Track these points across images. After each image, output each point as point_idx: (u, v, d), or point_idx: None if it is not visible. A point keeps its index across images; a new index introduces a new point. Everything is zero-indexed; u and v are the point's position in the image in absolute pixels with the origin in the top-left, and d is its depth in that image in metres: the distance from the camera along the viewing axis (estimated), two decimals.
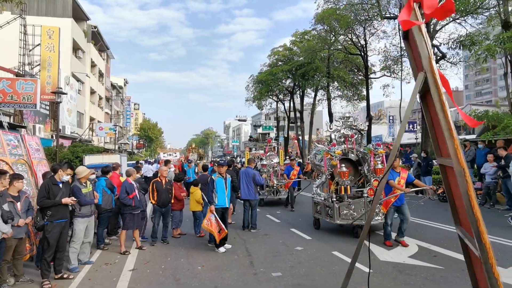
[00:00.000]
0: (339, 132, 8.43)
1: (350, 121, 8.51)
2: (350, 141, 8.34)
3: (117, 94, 48.23)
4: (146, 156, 56.44)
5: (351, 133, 8.35)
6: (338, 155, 7.93)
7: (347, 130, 8.42)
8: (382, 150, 8.00)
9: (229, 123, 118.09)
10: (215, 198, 7.14)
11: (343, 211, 7.75)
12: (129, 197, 7.04)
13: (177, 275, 5.76)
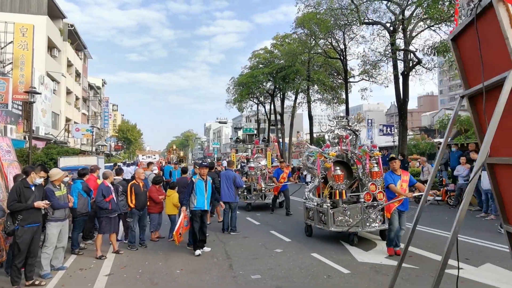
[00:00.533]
0: (333, 133, 7.93)
1: (344, 121, 8.03)
2: (344, 143, 7.90)
3: (94, 94, 47.10)
4: (125, 158, 55.39)
5: (346, 134, 7.89)
6: (332, 157, 7.48)
7: (341, 130, 7.93)
8: (378, 152, 7.64)
9: (209, 125, 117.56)
10: (194, 201, 7.06)
11: (338, 218, 7.23)
12: (106, 200, 6.87)
13: (155, 279, 5.66)
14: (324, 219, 7.41)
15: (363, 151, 7.73)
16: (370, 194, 7.26)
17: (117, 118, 72.68)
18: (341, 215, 7.25)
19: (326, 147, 7.65)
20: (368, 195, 7.27)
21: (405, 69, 19.09)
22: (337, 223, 7.24)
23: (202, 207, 7.13)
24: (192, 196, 7.07)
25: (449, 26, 17.60)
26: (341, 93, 28.94)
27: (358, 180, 8.12)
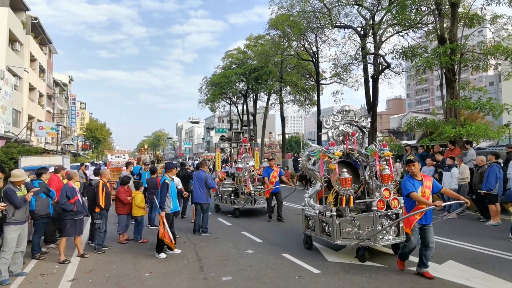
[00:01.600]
0: (337, 129, 6.86)
1: (350, 116, 7.02)
2: (350, 141, 6.89)
3: (60, 91, 45.19)
4: (93, 158, 53.55)
5: (352, 131, 6.89)
6: (337, 157, 6.35)
7: (346, 126, 6.91)
8: (389, 152, 6.58)
9: (181, 125, 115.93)
10: (169, 203, 6.91)
11: (346, 229, 6.21)
12: (70, 202, 6.57)
13: (122, 283, 5.47)
14: (328, 230, 6.42)
15: (370, 150, 6.73)
16: (383, 202, 6.12)
17: (85, 116, 70.13)
18: (349, 226, 6.21)
19: (330, 146, 6.45)
20: (381, 203, 6.10)
21: (375, 72, 19.66)
22: (344, 235, 6.21)
23: (176, 208, 7.09)
24: (168, 199, 6.91)
25: (416, 32, 18.32)
26: (313, 94, 29.38)
27: (364, 184, 7.18)
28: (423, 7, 15.67)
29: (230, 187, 11.66)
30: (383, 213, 6.08)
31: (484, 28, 15.69)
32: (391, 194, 6.17)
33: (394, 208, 6.15)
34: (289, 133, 59.80)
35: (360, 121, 7.05)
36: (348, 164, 7.17)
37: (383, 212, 6.08)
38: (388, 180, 6.23)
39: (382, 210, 6.07)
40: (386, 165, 6.50)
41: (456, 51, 13.60)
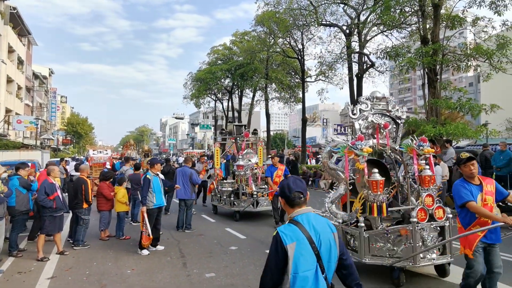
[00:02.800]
0: (367, 120, 5.63)
1: (382, 104, 5.80)
2: (382, 134, 5.67)
3: (40, 84, 43.94)
4: (74, 153, 52.42)
5: (385, 122, 5.65)
6: (366, 153, 5.15)
7: (377, 117, 5.68)
8: (430, 149, 5.47)
9: (165, 121, 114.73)
10: (153, 198, 6.83)
11: (377, 244, 5.02)
12: (50, 198, 6.40)
13: (103, 280, 5.38)
14: (354, 244, 5.25)
15: (406, 146, 5.63)
16: (425, 211, 4.91)
17: (66, 110, 68.50)
18: (381, 241, 5.00)
19: (358, 140, 5.21)
20: (422, 212, 4.88)
21: (359, 71, 19.90)
22: (374, 251, 5.04)
23: (161, 203, 7.01)
24: (150, 194, 6.83)
25: (400, 32, 18.62)
26: (298, 92, 29.51)
27: (397, 188, 6.03)
28: (406, 7, 15.93)
29: (230, 186, 10.34)
30: (425, 226, 4.86)
31: (465, 30, 16.08)
32: (434, 201, 5.02)
33: (439, 220, 4.95)
34: (274, 130, 59.95)
35: (394, 110, 5.79)
36: (377, 163, 6.01)
37: (425, 224, 4.85)
38: (429, 183, 5.09)
39: (423, 222, 4.84)
40: (426, 164, 5.38)
41: (438, 51, 13.88)
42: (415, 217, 4.77)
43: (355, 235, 5.25)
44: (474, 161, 3.91)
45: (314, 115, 75.67)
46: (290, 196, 2.24)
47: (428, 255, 4.85)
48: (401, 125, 5.92)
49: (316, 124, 64.23)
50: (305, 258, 2.07)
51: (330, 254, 2.18)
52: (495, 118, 18.52)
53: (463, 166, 3.98)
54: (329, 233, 2.21)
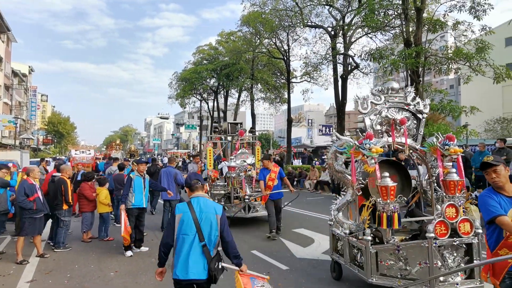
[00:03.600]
0: (380, 115, 4.85)
1: (399, 97, 4.95)
2: (398, 132, 4.90)
3: (19, 82, 42.75)
4: (55, 153, 51.25)
5: (402, 117, 4.84)
6: (375, 154, 4.30)
7: (393, 111, 4.88)
8: (458, 149, 4.53)
9: (150, 120, 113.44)
10: (132, 198, 6.73)
11: (386, 261, 4.27)
12: (30, 200, 6.22)
13: (85, 283, 5.26)
14: (361, 259, 4.51)
15: (429, 145, 4.77)
16: (446, 224, 4.03)
17: (46, 109, 66.93)
18: (391, 258, 4.25)
19: (366, 138, 4.38)
20: (442, 226, 4.03)
21: (344, 72, 20.12)
22: (383, 270, 4.29)
23: (140, 204, 6.87)
24: (130, 194, 6.75)
25: (384, 35, 18.94)
26: (284, 92, 29.64)
27: (420, 194, 5.28)
28: (390, 11, 16.22)
29: (222, 189, 9.44)
30: (445, 242, 4.05)
31: (446, 33, 16.49)
32: (459, 212, 4.11)
33: (464, 235, 4.07)
34: (260, 130, 60.07)
35: (414, 103, 4.94)
36: (396, 165, 5.39)
37: (445, 241, 4.04)
38: (455, 189, 4.20)
39: (443, 238, 4.01)
40: (453, 167, 4.54)
41: (421, 54, 14.18)
42: (432, 232, 3.97)
43: (362, 249, 4.44)
44: (497, 167, 3.01)
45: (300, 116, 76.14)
46: (190, 183, 3.25)
47: (451, 278, 4.03)
48: (423, 121, 5.03)
49: (301, 125, 64.68)
50: (186, 226, 3.05)
51: (211, 229, 3.10)
52: (474, 120, 19.06)
53: (484, 173, 3.16)
54: (213, 214, 3.11)
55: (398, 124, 4.87)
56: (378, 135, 4.83)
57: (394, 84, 5.00)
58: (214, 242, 3.14)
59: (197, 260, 3.07)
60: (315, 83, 25.35)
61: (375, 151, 4.28)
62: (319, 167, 17.57)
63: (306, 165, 20.10)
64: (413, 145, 4.99)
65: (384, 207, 4.19)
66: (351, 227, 4.84)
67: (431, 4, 16.55)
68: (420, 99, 4.98)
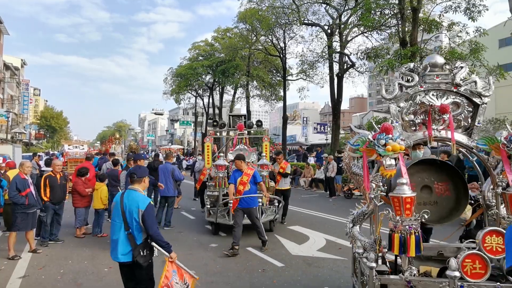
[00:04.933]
0: (413, 101, 3.66)
1: (442, 75, 3.60)
2: (439, 123, 3.61)
3: (11, 76, 42.20)
4: (48, 147, 50.75)
5: (442, 104, 3.56)
6: (391, 153, 3.13)
7: (433, 96, 3.61)
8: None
9: (144, 116, 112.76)
10: None
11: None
12: (22, 195, 6.15)
13: (79, 279, 5.22)
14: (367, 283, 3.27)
15: (488, 141, 3.43)
16: (482, 260, 2.98)
17: (39, 103, 66.20)
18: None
19: (382, 132, 3.19)
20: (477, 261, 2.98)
21: (340, 71, 20.17)
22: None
23: None
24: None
25: (380, 34, 19.00)
26: (279, 90, 29.63)
27: (483, 209, 3.78)
28: (386, 10, 16.27)
29: (215, 190, 8.39)
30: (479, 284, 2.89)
31: (441, 34, 16.57)
32: None
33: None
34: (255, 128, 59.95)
35: (468, 82, 3.56)
36: (446, 168, 3.87)
37: (482, 285, 2.89)
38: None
39: (477, 280, 2.89)
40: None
41: (416, 54, 14.24)
42: (455, 269, 2.84)
43: (366, 275, 3.28)
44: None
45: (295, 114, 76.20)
46: (130, 176, 3.75)
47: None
48: (484, 107, 3.56)
49: (297, 123, 64.72)
50: (115, 214, 3.63)
51: (133, 221, 3.49)
52: None
53: None
54: (135, 208, 3.49)
55: (437, 112, 3.51)
56: (409, 127, 3.68)
57: (437, 58, 3.65)
58: (138, 231, 3.54)
59: (124, 245, 3.54)
60: (311, 81, 25.40)
61: (392, 149, 3.11)
62: (314, 165, 17.63)
63: (301, 163, 20.16)
64: (464, 141, 3.57)
65: (396, 226, 3.03)
66: (365, 245, 3.49)
67: (427, 4, 16.62)
68: (477, 78, 3.56)
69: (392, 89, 3.65)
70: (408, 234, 2.97)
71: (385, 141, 3.16)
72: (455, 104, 3.62)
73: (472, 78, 3.58)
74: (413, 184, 3.53)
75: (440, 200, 3.72)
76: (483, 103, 3.59)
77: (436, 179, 3.68)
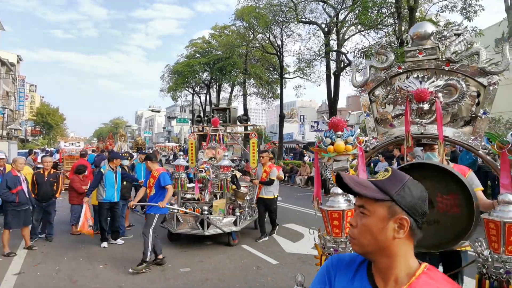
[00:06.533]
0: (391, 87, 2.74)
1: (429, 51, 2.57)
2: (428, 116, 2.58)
3: (7, 71, 41.91)
4: (44, 144, 50.50)
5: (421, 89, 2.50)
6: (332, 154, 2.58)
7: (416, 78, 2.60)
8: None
9: (141, 113, 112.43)
10: (103, 192, 6.74)
11: None
12: (13, 192, 6.14)
13: (74, 276, 5.24)
14: None
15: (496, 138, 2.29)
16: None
17: (35, 100, 65.73)
18: None
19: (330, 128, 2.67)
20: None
21: (337, 69, 20.21)
22: None
23: (111, 199, 6.84)
24: (101, 187, 6.74)
25: (377, 33, 19.04)
26: (277, 88, 29.65)
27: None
28: (383, 9, 16.31)
29: (192, 193, 7.91)
30: None
31: None
32: None
33: None
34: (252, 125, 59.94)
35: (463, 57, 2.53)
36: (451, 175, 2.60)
37: None
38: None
39: None
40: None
41: None
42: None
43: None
44: None
45: (292, 112, 76.20)
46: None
47: None
48: (492, 91, 2.43)
49: (294, 121, 64.74)
50: None
51: None
52: None
53: None
54: None
55: (413, 100, 2.53)
56: (385, 122, 2.82)
57: (425, 26, 2.63)
58: None
59: None
60: (308, 79, 25.44)
61: (333, 149, 2.56)
62: (310, 163, 17.68)
63: (298, 161, 20.21)
64: (461, 139, 2.49)
65: (331, 247, 2.44)
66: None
67: (424, 3, 16.68)
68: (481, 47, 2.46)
69: (365, 73, 2.89)
70: None
71: (331, 139, 2.61)
72: (450, 88, 2.52)
73: (473, 49, 2.48)
74: None
75: (443, 219, 2.53)
76: (491, 84, 2.39)
77: (441, 191, 2.56)
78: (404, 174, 1.16)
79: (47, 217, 7.22)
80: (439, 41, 2.59)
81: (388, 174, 1.15)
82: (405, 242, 1.10)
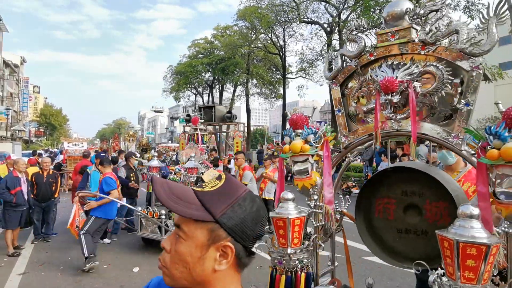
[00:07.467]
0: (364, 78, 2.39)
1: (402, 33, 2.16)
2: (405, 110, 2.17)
3: (11, 73, 42.19)
4: (47, 145, 50.78)
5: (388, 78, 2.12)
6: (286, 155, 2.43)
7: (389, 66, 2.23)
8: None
9: (144, 114, 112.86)
10: None
11: None
12: (11, 193, 6.18)
13: (78, 276, 5.27)
14: None
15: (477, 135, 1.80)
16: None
17: (38, 101, 66.09)
18: None
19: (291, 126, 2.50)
20: None
21: None
22: None
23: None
24: (87, 189, 6.76)
25: None
26: (279, 88, 29.67)
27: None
28: None
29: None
30: None
31: None
32: None
33: None
34: (254, 126, 60.11)
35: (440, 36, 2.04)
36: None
37: None
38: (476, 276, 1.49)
39: None
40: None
41: None
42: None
43: None
44: None
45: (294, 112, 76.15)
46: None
47: None
48: (475, 78, 1.95)
49: None
50: None
51: None
52: None
53: None
54: None
55: (381, 92, 2.16)
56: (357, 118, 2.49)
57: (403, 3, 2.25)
58: None
59: None
60: (310, 79, 25.44)
61: (288, 149, 2.38)
62: None
63: None
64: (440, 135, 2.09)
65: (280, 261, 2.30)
66: None
67: (427, 2, 16.66)
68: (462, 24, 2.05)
69: (336, 62, 2.56)
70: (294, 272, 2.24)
71: (290, 138, 2.41)
72: (428, 76, 2.11)
73: (450, 27, 2.04)
74: (392, 200, 2.42)
75: (432, 230, 2.02)
76: (474, 67, 1.96)
77: (431, 197, 2.26)
78: (240, 185, 0.90)
79: (45, 217, 7.25)
80: (412, 21, 2.17)
81: (218, 184, 0.88)
82: (229, 273, 0.87)
